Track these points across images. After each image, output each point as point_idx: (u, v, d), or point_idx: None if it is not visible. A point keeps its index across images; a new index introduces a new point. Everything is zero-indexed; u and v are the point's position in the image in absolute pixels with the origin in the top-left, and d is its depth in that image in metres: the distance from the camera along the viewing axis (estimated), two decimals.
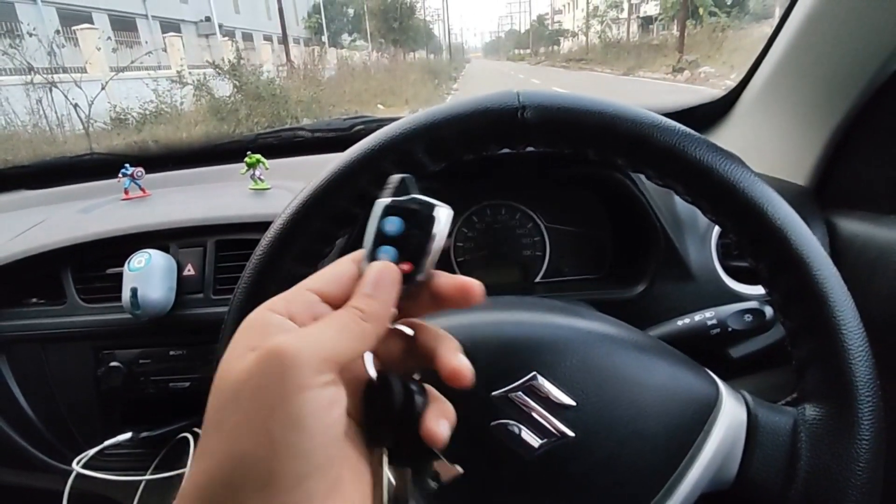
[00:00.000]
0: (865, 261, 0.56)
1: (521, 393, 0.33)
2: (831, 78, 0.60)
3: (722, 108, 0.80)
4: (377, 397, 0.24)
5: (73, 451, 0.65)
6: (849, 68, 0.57)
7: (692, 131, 0.34)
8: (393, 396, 0.23)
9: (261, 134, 0.94)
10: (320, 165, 0.37)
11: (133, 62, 6.32)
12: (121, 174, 0.80)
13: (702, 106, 0.82)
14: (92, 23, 11.61)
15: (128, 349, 0.66)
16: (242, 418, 0.20)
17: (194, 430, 0.66)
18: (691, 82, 10.56)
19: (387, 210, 0.26)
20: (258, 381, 0.20)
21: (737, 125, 0.78)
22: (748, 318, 0.50)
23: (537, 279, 0.75)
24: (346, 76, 10.97)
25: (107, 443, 0.64)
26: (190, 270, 0.65)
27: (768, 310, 0.51)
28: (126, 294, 0.60)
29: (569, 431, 0.32)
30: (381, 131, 0.36)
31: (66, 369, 0.66)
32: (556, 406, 0.33)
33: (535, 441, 0.32)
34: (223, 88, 6.28)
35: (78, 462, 0.64)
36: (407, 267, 0.25)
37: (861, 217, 0.60)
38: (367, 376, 0.24)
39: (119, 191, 0.81)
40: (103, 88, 4.97)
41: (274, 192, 0.77)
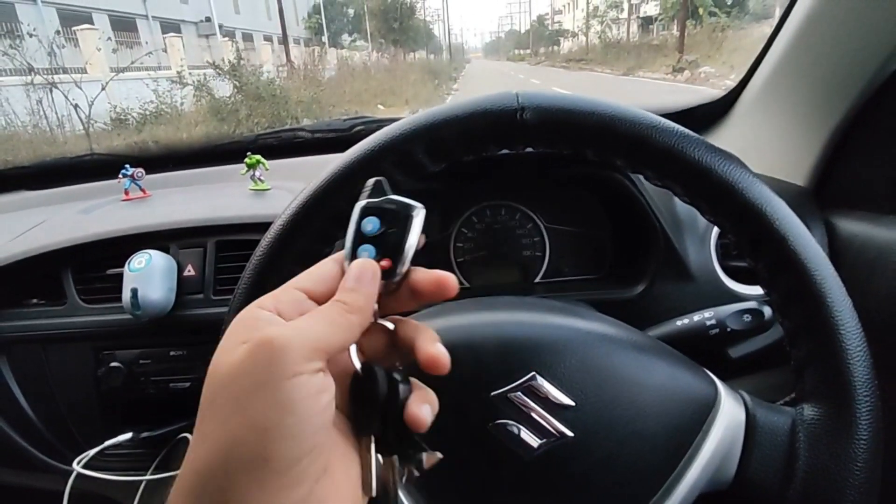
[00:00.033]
0: (864, 261, 0.56)
1: (520, 393, 0.33)
2: (830, 78, 0.60)
3: (721, 108, 0.80)
4: (363, 387, 0.25)
5: (73, 451, 0.66)
6: (848, 69, 0.58)
7: (690, 132, 0.34)
8: (378, 386, 0.25)
9: (261, 135, 0.94)
10: (320, 166, 0.37)
11: (133, 63, 6.31)
12: (121, 175, 0.80)
13: (701, 106, 0.82)
14: (92, 23, 11.61)
15: (128, 349, 0.66)
16: (236, 404, 0.21)
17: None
18: (691, 82, 10.56)
19: (364, 211, 0.27)
20: (250, 368, 0.21)
21: (736, 125, 0.78)
22: (747, 318, 0.50)
23: (537, 279, 0.75)
24: (347, 76, 10.96)
25: (107, 443, 0.65)
26: (190, 271, 0.66)
27: (767, 310, 0.51)
28: (126, 294, 0.60)
29: (568, 431, 0.32)
30: (380, 132, 0.36)
31: (66, 370, 0.66)
32: (556, 406, 0.33)
33: (534, 441, 0.32)
34: (223, 89, 6.27)
35: (78, 462, 0.64)
36: (386, 263, 0.26)
37: (860, 217, 0.60)
38: (352, 369, 0.25)
39: (119, 191, 0.81)
40: (103, 89, 4.97)
41: (274, 192, 0.78)
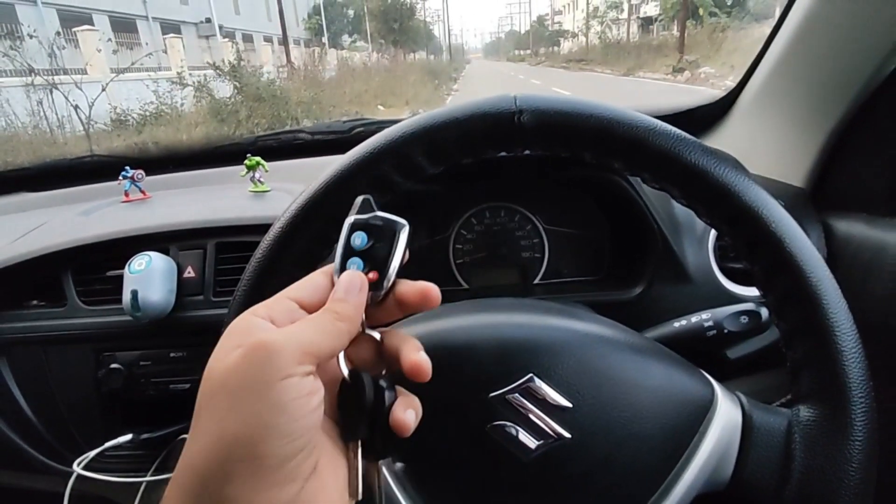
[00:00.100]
0: (861, 262, 0.56)
1: (518, 394, 0.33)
2: (828, 80, 0.60)
3: (720, 109, 0.80)
4: (351, 394, 0.27)
5: (73, 452, 0.66)
6: (845, 71, 0.58)
7: (687, 135, 0.34)
8: (365, 392, 0.26)
9: (260, 136, 0.94)
10: (320, 168, 0.37)
11: (133, 63, 6.31)
12: (121, 177, 0.80)
13: (700, 108, 0.82)
14: (92, 24, 11.61)
15: (128, 351, 0.66)
16: (231, 404, 0.22)
17: None
18: (691, 83, 10.57)
19: (353, 227, 0.29)
20: (245, 370, 0.22)
21: (734, 127, 0.78)
22: (744, 319, 0.50)
23: (536, 280, 0.75)
24: (347, 77, 10.95)
25: (107, 444, 0.65)
26: (190, 272, 0.66)
27: (764, 311, 0.51)
28: (126, 296, 0.60)
29: (565, 433, 0.32)
30: (379, 135, 0.36)
31: (66, 371, 0.66)
32: (553, 407, 0.33)
33: (532, 442, 0.33)
34: (223, 90, 6.27)
35: (78, 464, 0.64)
36: (373, 276, 0.28)
37: (857, 219, 0.60)
38: (341, 376, 0.27)
39: (119, 193, 0.81)
40: (104, 90, 4.97)
41: (274, 194, 0.78)
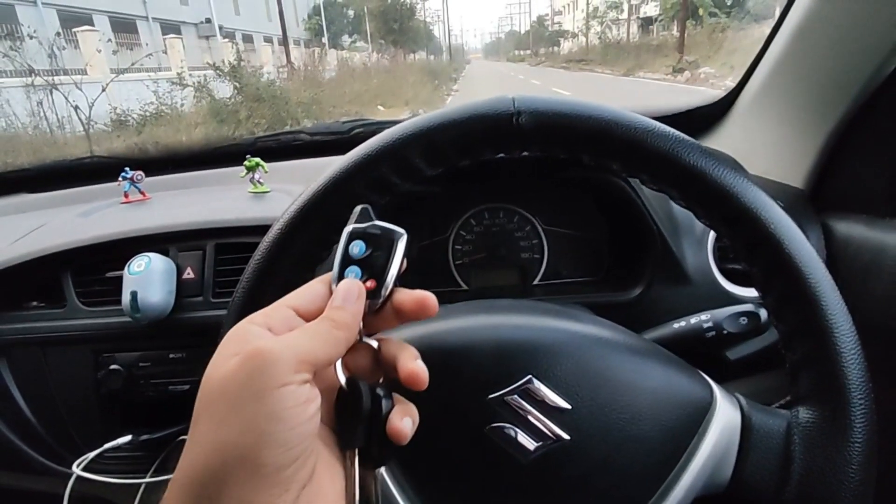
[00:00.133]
0: (860, 263, 0.56)
1: (516, 396, 0.33)
2: (827, 81, 0.60)
3: (720, 110, 0.80)
4: (348, 402, 0.27)
5: (72, 453, 0.66)
6: (844, 71, 0.58)
7: (685, 136, 0.34)
8: (362, 400, 0.26)
9: (260, 137, 0.94)
10: (319, 169, 0.37)
11: (133, 64, 6.32)
12: (121, 178, 0.80)
13: (699, 108, 0.82)
14: (92, 25, 11.62)
15: (127, 352, 0.66)
16: (228, 411, 0.22)
17: None
18: (691, 83, 10.57)
19: (351, 235, 0.29)
20: (242, 378, 0.22)
21: (734, 128, 0.78)
22: (743, 320, 0.50)
23: (535, 281, 0.75)
24: (347, 77, 10.95)
25: (107, 446, 0.65)
26: (189, 274, 0.66)
27: (763, 312, 0.50)
28: (126, 297, 0.60)
29: (564, 434, 0.32)
30: (377, 137, 0.36)
31: (66, 372, 0.66)
32: (552, 409, 0.33)
33: (530, 444, 0.33)
34: (223, 90, 6.27)
35: (78, 465, 0.64)
36: (371, 284, 0.28)
37: (856, 220, 0.60)
38: (338, 384, 0.27)
39: (119, 194, 0.81)
40: (104, 90, 4.97)
41: (273, 195, 0.78)
